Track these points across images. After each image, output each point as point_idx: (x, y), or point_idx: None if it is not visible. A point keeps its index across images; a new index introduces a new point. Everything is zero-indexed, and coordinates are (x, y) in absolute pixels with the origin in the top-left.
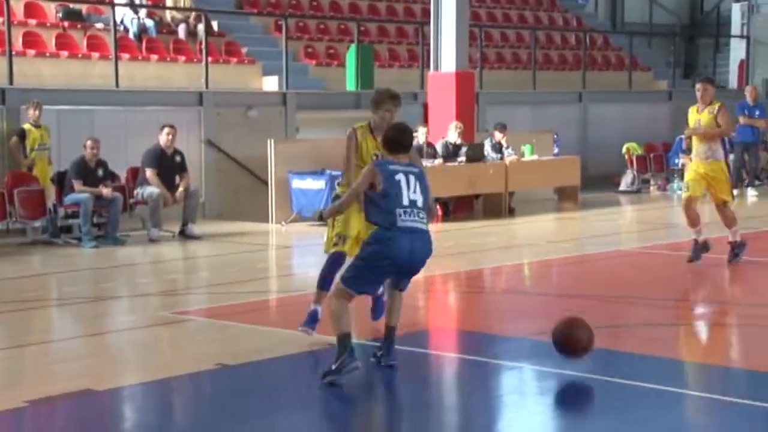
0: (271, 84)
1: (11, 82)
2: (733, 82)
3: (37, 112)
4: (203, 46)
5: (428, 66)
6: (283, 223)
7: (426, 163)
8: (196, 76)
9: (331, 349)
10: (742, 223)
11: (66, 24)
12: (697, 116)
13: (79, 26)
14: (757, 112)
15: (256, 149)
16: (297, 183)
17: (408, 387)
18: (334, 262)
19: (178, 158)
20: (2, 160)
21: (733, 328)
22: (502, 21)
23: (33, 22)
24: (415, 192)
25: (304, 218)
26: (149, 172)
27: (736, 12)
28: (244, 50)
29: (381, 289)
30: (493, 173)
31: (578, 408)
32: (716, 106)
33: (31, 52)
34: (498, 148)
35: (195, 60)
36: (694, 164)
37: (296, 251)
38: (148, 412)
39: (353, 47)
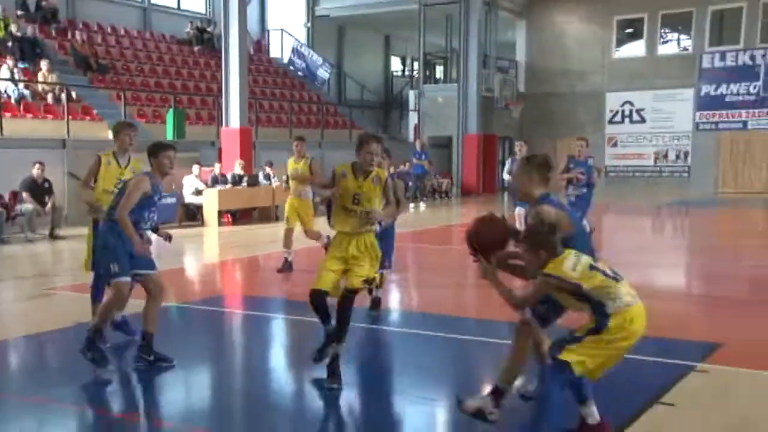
0: (111, 135)
1: None
2: (410, 137)
3: None
4: (66, 108)
5: (222, 123)
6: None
7: (219, 187)
8: (61, 128)
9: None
10: (434, 221)
11: None
12: (296, 165)
13: None
14: (423, 156)
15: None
16: None
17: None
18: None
19: (46, 184)
20: None
21: None
22: (270, 96)
23: None
24: None
25: None
26: (25, 195)
27: (412, 95)
28: (94, 111)
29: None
30: (264, 194)
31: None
32: (309, 159)
33: None
34: (268, 177)
35: (60, 118)
36: (290, 200)
37: None
38: (29, 357)
39: (171, 111)
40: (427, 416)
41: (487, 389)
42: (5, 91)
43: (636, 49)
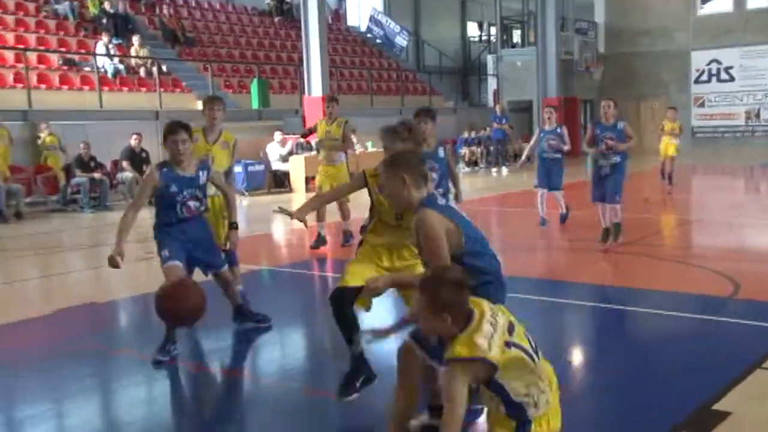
0: (200, 106)
1: (30, 106)
2: (490, 102)
3: (45, 125)
4: (157, 81)
5: (304, 92)
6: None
7: (305, 154)
8: (154, 100)
9: None
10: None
11: (65, 67)
12: (327, 128)
13: (74, 69)
14: (503, 120)
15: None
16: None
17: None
18: None
19: (143, 154)
20: (29, 157)
21: None
22: (349, 64)
23: (43, 66)
24: None
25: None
26: (125, 164)
27: (490, 60)
28: (183, 84)
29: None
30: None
31: None
32: (343, 121)
33: (42, 86)
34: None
35: (153, 90)
36: (322, 168)
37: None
38: (135, 317)
39: (255, 81)
40: None
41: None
42: (102, 66)
43: (723, 4)
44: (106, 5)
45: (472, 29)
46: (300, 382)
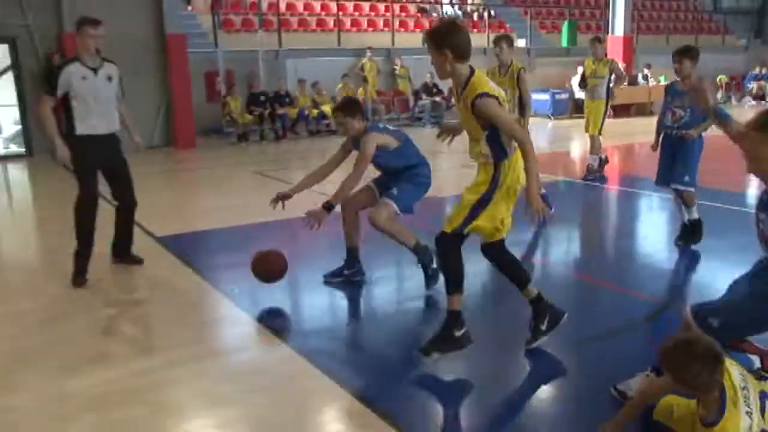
0: (521, 43)
1: (393, 44)
2: None
3: (399, 60)
4: (486, 23)
5: (608, 31)
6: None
7: None
8: (483, 39)
9: None
10: None
11: (419, 14)
12: (593, 66)
13: (425, 15)
14: None
15: None
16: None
17: None
18: None
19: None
20: (388, 84)
21: None
22: (650, 7)
23: (403, 14)
24: None
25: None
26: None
27: None
28: (507, 25)
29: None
30: (642, 91)
31: None
32: (610, 61)
33: (402, 30)
34: (646, 77)
35: (482, 31)
36: (587, 102)
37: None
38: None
39: (566, 22)
40: None
41: None
42: (446, 13)
43: None
44: None
45: None
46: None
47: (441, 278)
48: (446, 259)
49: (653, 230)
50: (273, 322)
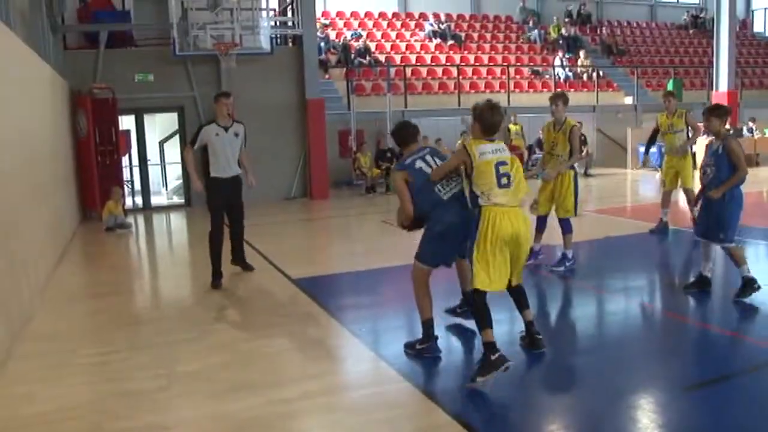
0: (628, 100)
1: (509, 104)
2: None
3: (513, 118)
4: (596, 83)
5: (712, 88)
6: (635, 168)
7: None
8: (592, 98)
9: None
10: None
11: (532, 76)
12: (668, 121)
13: (538, 77)
14: None
15: (619, 133)
16: (641, 149)
17: None
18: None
19: (582, 137)
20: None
21: None
22: (753, 64)
23: (518, 76)
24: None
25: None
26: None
27: None
28: (615, 84)
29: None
30: (747, 143)
31: None
32: (685, 113)
33: (517, 90)
34: (750, 130)
35: (591, 90)
36: (667, 158)
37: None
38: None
39: (672, 80)
40: None
41: None
42: (557, 75)
43: None
44: (563, 30)
45: None
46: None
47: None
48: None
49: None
50: (396, 360)
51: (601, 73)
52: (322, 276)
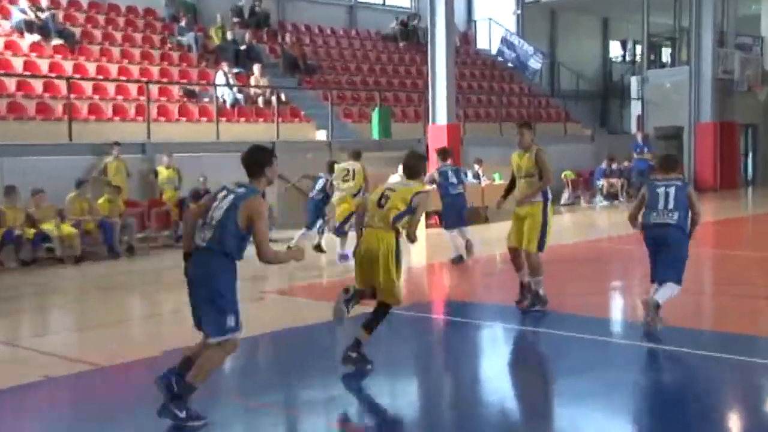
0: (321, 135)
1: (149, 138)
2: (632, 128)
3: (168, 158)
4: (276, 110)
5: (429, 120)
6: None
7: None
8: (271, 131)
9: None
10: None
11: (185, 98)
12: (518, 161)
13: (193, 100)
14: (646, 149)
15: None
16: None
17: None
18: None
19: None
20: (144, 191)
21: None
22: (477, 89)
23: (164, 98)
24: None
25: None
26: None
27: (634, 82)
28: (302, 113)
29: None
30: (473, 193)
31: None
32: (535, 149)
33: (162, 119)
34: (477, 175)
35: (270, 120)
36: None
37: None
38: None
39: (377, 109)
40: None
41: None
42: (222, 96)
43: None
44: (229, 35)
45: (615, 49)
46: None
47: None
48: None
49: None
50: None
51: (283, 96)
52: None
